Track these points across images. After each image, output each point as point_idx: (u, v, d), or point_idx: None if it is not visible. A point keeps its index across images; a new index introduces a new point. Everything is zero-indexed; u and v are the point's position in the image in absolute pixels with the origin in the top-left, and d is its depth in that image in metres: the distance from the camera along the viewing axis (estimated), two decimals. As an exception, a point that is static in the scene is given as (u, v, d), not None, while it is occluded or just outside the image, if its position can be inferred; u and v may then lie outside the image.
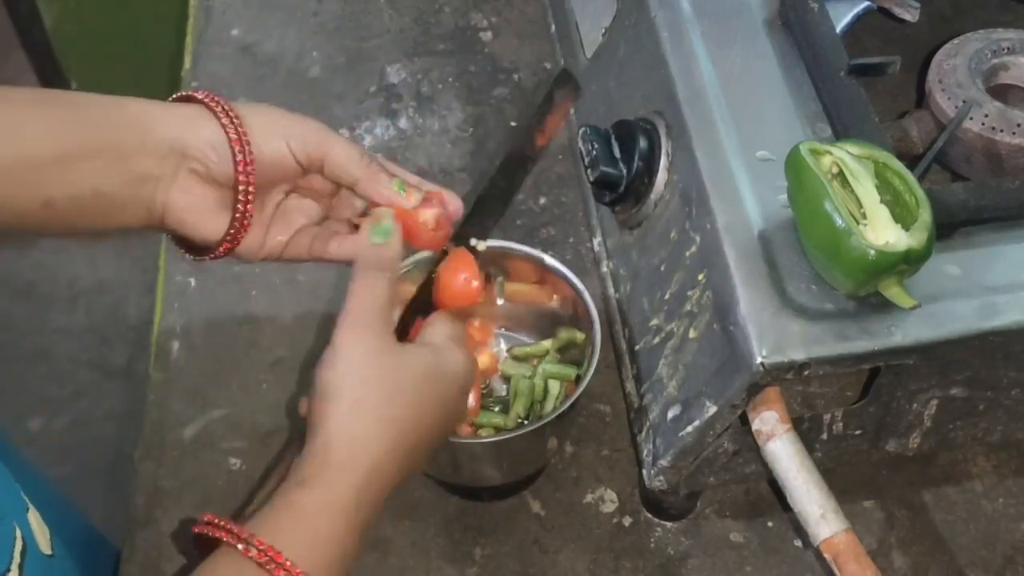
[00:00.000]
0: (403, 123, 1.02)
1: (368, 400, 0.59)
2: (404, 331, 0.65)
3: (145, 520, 0.79)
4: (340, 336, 0.60)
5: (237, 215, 0.64)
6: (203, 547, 0.55)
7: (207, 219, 0.65)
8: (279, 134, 0.65)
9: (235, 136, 0.63)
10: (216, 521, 0.55)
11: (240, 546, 0.53)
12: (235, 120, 0.63)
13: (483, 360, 0.81)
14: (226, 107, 0.64)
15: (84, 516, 0.95)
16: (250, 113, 0.65)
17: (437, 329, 0.64)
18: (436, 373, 0.62)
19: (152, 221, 0.65)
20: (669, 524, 0.79)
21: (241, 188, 0.63)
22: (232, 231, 0.65)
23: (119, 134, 0.62)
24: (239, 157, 0.63)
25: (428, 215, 0.67)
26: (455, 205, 0.68)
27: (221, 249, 0.66)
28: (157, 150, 0.62)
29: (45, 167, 0.61)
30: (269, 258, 0.70)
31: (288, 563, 0.53)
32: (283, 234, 0.69)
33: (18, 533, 0.66)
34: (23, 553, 0.66)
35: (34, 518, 0.70)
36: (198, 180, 0.64)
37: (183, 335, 0.88)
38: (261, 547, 0.53)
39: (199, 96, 0.64)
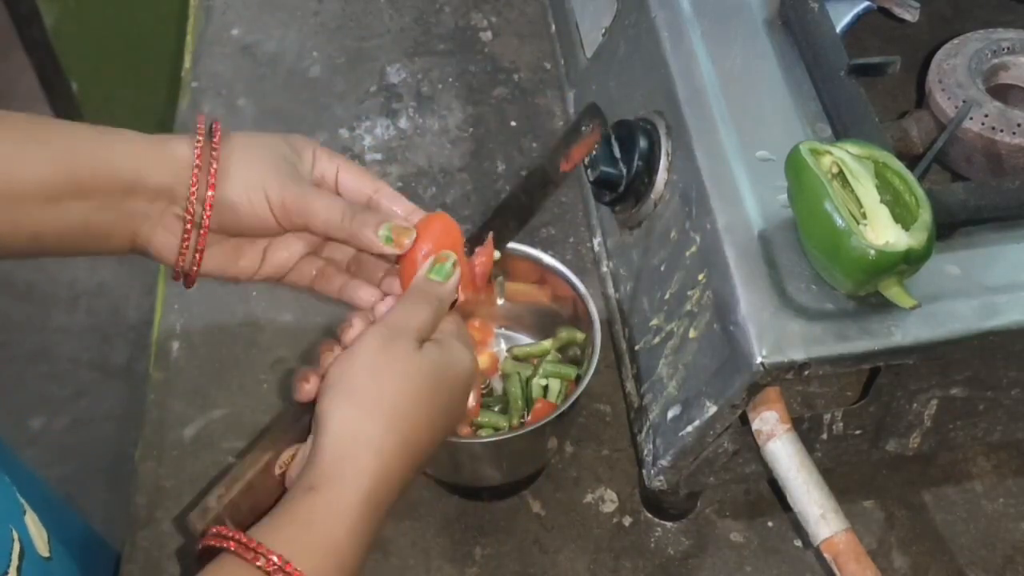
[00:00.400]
0: (403, 123, 1.03)
1: (379, 398, 0.58)
2: None
3: (146, 520, 0.79)
4: (364, 338, 0.60)
5: (183, 251, 0.65)
6: (205, 554, 0.55)
7: (188, 256, 0.66)
8: (260, 191, 0.65)
9: (195, 186, 0.63)
10: (225, 533, 0.54)
11: (249, 556, 0.52)
12: (214, 156, 0.64)
13: (483, 360, 0.82)
14: (214, 148, 0.64)
15: (83, 517, 0.95)
16: (241, 162, 0.65)
17: (443, 324, 0.64)
18: (445, 371, 0.61)
19: (135, 249, 0.66)
20: (669, 524, 0.79)
21: (189, 224, 0.64)
22: (182, 264, 0.66)
23: (111, 176, 0.63)
24: (193, 197, 0.64)
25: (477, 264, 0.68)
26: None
27: (186, 275, 0.67)
28: (147, 193, 0.64)
29: (34, 203, 0.61)
30: (269, 280, 0.70)
31: (298, 572, 0.52)
32: (281, 259, 0.69)
33: (15, 536, 0.66)
34: (21, 556, 0.66)
35: (31, 521, 0.69)
36: (181, 222, 0.65)
37: (183, 335, 0.88)
38: (271, 556, 0.52)
39: (198, 132, 0.65)
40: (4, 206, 0.61)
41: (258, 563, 0.52)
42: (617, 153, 0.77)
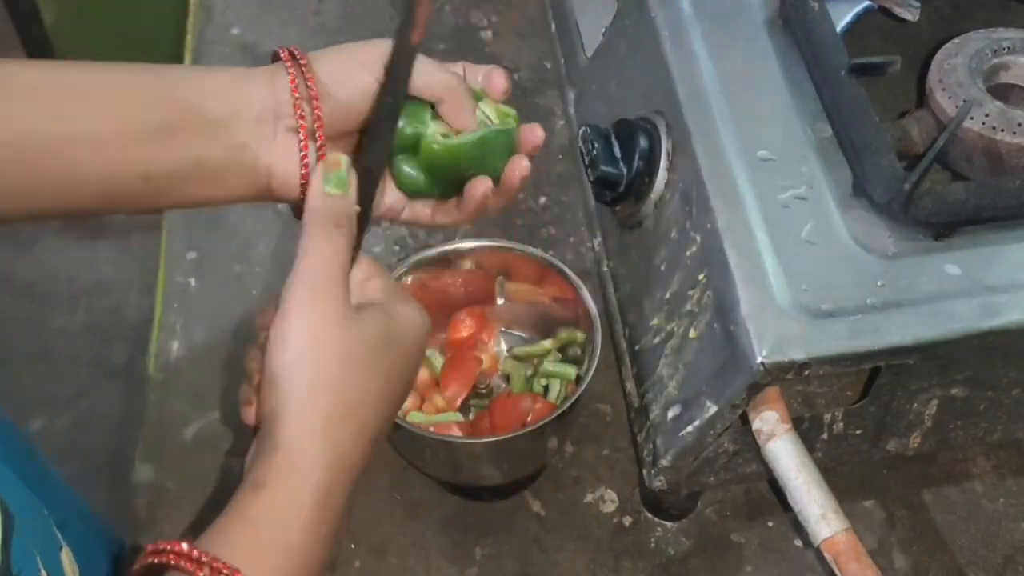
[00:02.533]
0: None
1: (327, 382, 0.53)
2: None
3: (146, 521, 0.79)
4: (290, 305, 0.54)
5: (304, 163, 0.61)
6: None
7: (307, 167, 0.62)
8: (362, 70, 0.61)
9: (294, 80, 0.60)
10: (163, 547, 0.49)
11: (192, 568, 0.48)
12: (303, 62, 0.61)
13: (484, 360, 0.82)
14: (300, 58, 0.61)
15: (110, 532, 0.94)
16: (329, 56, 0.62)
17: (376, 285, 0.59)
18: (393, 341, 0.56)
19: (258, 190, 0.62)
20: (669, 524, 0.79)
21: (302, 132, 0.61)
22: (304, 180, 0.61)
23: (213, 102, 0.60)
24: (302, 110, 0.60)
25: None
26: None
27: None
28: (251, 114, 0.61)
29: (144, 140, 0.59)
30: (389, 215, 0.67)
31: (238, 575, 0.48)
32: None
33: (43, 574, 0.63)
34: None
35: (66, 557, 0.66)
36: (296, 136, 0.61)
37: (183, 335, 0.88)
38: (215, 565, 0.48)
39: (280, 52, 0.62)
40: (117, 143, 0.59)
41: (202, 573, 0.48)
42: (617, 153, 0.77)
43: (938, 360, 0.67)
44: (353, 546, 0.78)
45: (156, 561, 0.49)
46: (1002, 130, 0.73)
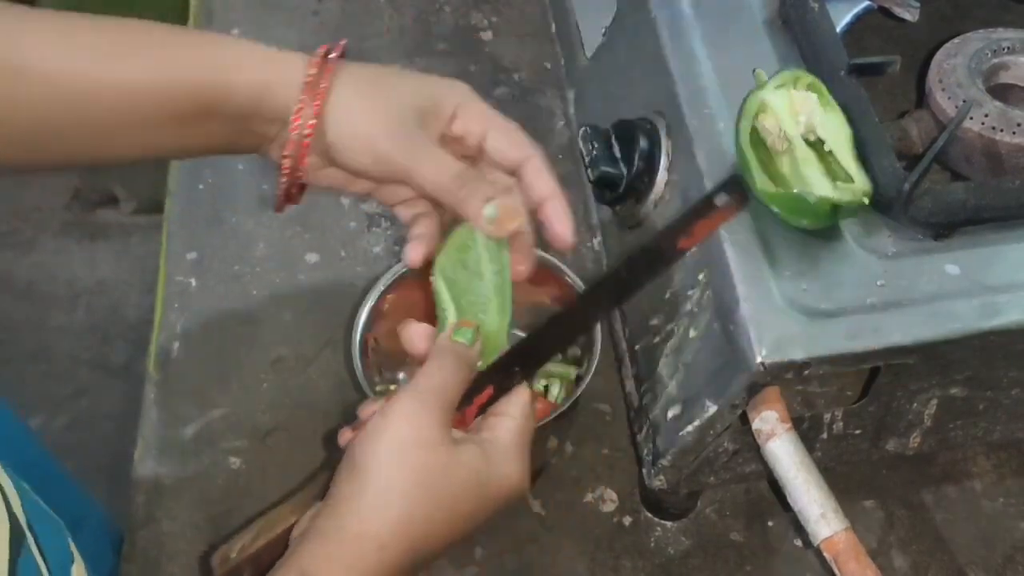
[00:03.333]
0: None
1: (401, 497, 0.54)
2: (476, 389, 0.60)
3: (145, 519, 0.79)
4: (395, 407, 0.55)
5: (282, 185, 0.65)
6: None
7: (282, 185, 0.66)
8: (364, 135, 0.61)
9: (297, 128, 0.62)
10: None
11: None
12: (316, 104, 0.61)
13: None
14: (323, 86, 0.61)
15: (116, 529, 0.94)
16: (351, 95, 0.62)
17: (504, 425, 0.59)
18: (481, 486, 0.56)
19: (260, 154, 0.66)
20: (669, 523, 0.79)
21: (287, 162, 0.64)
22: (282, 189, 0.65)
23: (237, 103, 0.62)
24: (292, 141, 0.63)
25: None
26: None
27: (281, 199, 0.66)
28: (266, 117, 0.63)
29: (161, 126, 0.62)
30: (384, 203, 0.68)
31: None
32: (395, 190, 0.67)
33: None
34: None
35: (77, 571, 0.67)
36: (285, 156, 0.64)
37: (183, 335, 0.88)
38: None
39: (317, 56, 0.63)
40: (132, 127, 0.62)
41: None
42: (617, 153, 0.77)
43: (938, 360, 0.67)
44: (353, 546, 0.78)
45: None
46: (1002, 130, 0.73)
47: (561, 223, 0.63)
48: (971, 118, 0.73)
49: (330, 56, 0.63)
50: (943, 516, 0.79)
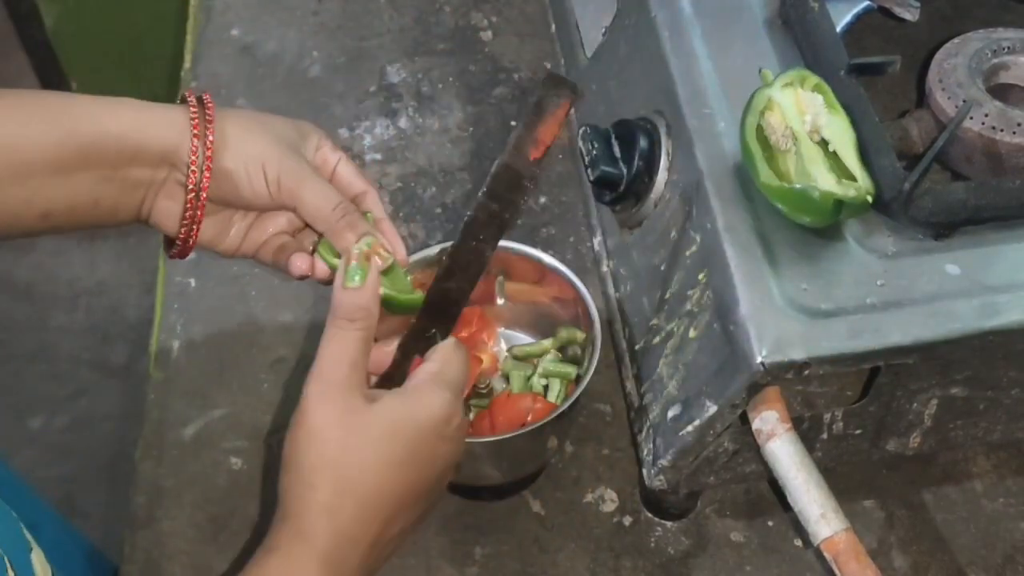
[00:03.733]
0: (403, 123, 1.02)
1: (326, 465, 0.57)
2: (402, 362, 0.63)
3: (145, 520, 0.79)
4: (307, 397, 0.58)
5: (185, 222, 0.67)
6: None
7: (186, 223, 0.68)
8: (258, 163, 0.66)
9: (197, 149, 0.64)
10: None
11: None
12: (209, 130, 0.64)
13: (484, 360, 0.82)
14: (208, 117, 0.65)
15: (85, 537, 0.94)
16: (238, 131, 0.66)
17: (423, 369, 0.62)
18: (404, 427, 0.58)
19: (139, 219, 0.68)
20: (669, 523, 0.79)
21: (190, 197, 0.66)
22: (183, 235, 0.68)
23: (116, 144, 0.64)
24: (192, 171, 0.65)
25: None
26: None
27: (177, 248, 0.69)
28: (150, 160, 0.65)
29: (43, 179, 0.62)
30: (245, 256, 0.71)
31: None
32: (261, 235, 0.71)
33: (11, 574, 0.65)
34: None
35: (37, 559, 0.68)
36: (182, 188, 0.66)
37: (183, 335, 0.88)
38: None
39: (190, 102, 0.66)
40: (14, 182, 0.61)
41: None
42: (617, 153, 0.77)
43: (938, 360, 0.67)
44: (353, 546, 0.78)
45: None
46: (1002, 130, 0.73)
47: (395, 240, 0.69)
48: (971, 118, 0.73)
49: (203, 96, 0.66)
50: (943, 516, 0.79)
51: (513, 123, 1.03)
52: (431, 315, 0.65)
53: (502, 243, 0.80)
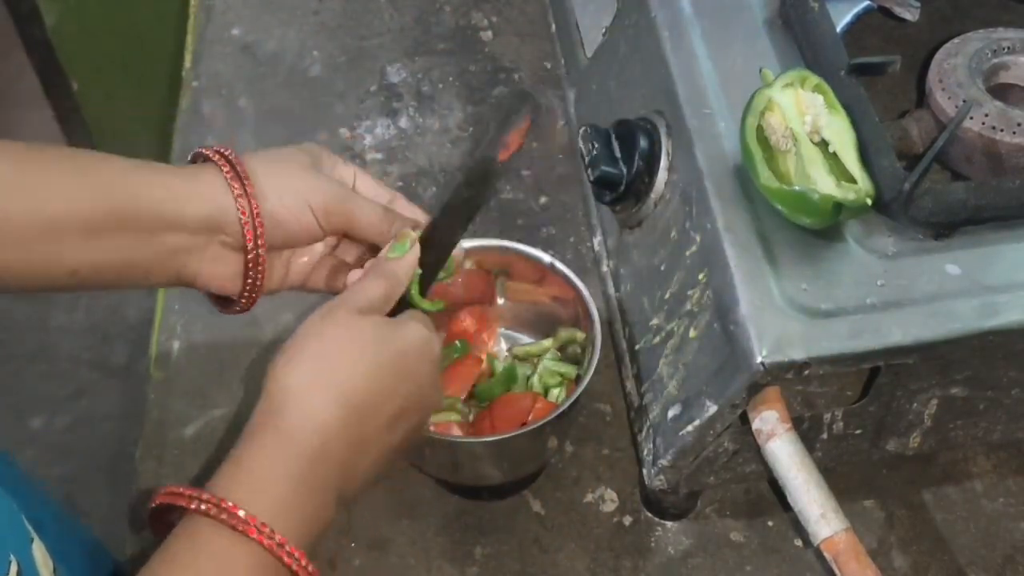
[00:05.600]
0: (403, 122, 1.03)
1: (302, 357, 0.59)
2: None
3: (146, 519, 0.79)
4: (314, 315, 0.61)
5: (249, 282, 0.66)
6: (157, 524, 0.56)
7: (236, 281, 0.67)
8: (300, 198, 0.66)
9: (245, 209, 0.64)
10: (168, 490, 0.55)
11: (192, 505, 0.53)
12: (249, 191, 0.64)
13: (484, 360, 0.82)
14: (242, 174, 0.64)
15: (87, 532, 0.94)
16: (269, 173, 0.65)
17: (409, 313, 0.64)
18: (389, 340, 0.60)
19: (181, 282, 0.67)
20: (669, 523, 0.79)
21: (251, 257, 0.65)
22: (248, 293, 0.67)
23: (151, 209, 0.63)
24: (247, 231, 0.64)
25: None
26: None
27: (241, 305, 0.68)
28: (190, 226, 0.64)
29: (73, 238, 0.61)
30: (292, 288, 0.71)
31: (231, 506, 0.53)
32: (303, 266, 0.70)
33: (14, 567, 0.65)
34: None
35: (39, 550, 0.67)
36: (229, 249, 0.65)
37: (183, 335, 0.88)
38: (203, 498, 0.53)
39: (217, 161, 0.65)
40: (44, 240, 0.60)
41: (196, 507, 0.53)
42: (617, 153, 0.77)
43: (938, 360, 0.67)
44: (353, 544, 0.78)
45: (162, 503, 0.55)
46: (1002, 130, 0.73)
47: None
48: (971, 118, 0.73)
49: (222, 151, 0.66)
50: (943, 516, 0.79)
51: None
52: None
53: (502, 243, 0.81)
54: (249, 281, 0.66)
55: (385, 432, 0.60)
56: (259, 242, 0.65)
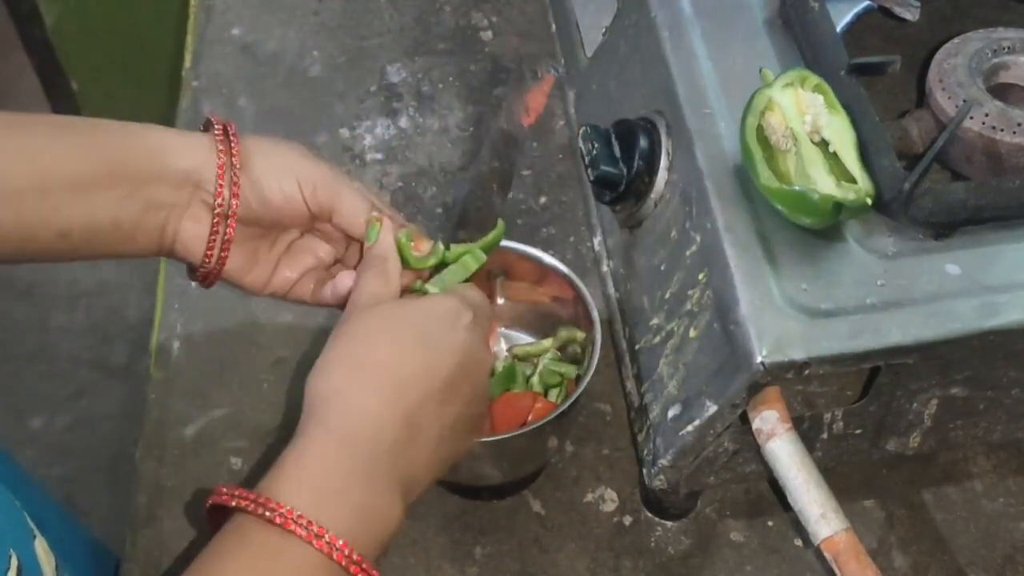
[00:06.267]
0: (403, 122, 1.03)
1: (341, 361, 0.59)
2: None
3: (146, 519, 0.79)
4: (332, 332, 0.61)
5: (213, 238, 0.66)
6: (214, 520, 0.56)
7: (213, 247, 0.67)
8: (290, 173, 0.66)
9: (223, 160, 0.64)
10: (227, 491, 0.55)
11: (233, 503, 0.54)
12: (234, 149, 0.65)
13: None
14: (232, 137, 0.65)
15: (87, 530, 0.94)
16: (263, 149, 0.66)
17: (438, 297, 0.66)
18: (412, 313, 0.62)
19: (162, 249, 0.67)
20: (669, 523, 0.79)
21: (219, 210, 0.65)
22: (212, 252, 0.67)
23: (138, 162, 0.64)
24: (221, 182, 0.64)
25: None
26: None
27: (209, 271, 0.68)
28: (173, 179, 0.64)
29: (63, 194, 0.62)
30: (275, 294, 0.71)
31: (266, 500, 0.53)
32: (292, 271, 0.70)
33: (15, 562, 0.64)
34: None
35: (41, 547, 0.68)
36: (208, 210, 0.66)
37: (183, 335, 0.88)
38: (241, 495, 0.54)
39: (215, 124, 0.66)
40: (34, 196, 0.61)
41: (237, 503, 0.53)
42: (617, 152, 0.77)
43: (938, 360, 0.67)
44: (353, 545, 0.78)
45: (219, 502, 0.55)
46: (1002, 130, 0.73)
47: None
48: (971, 118, 0.73)
49: (226, 122, 0.67)
50: (943, 516, 0.79)
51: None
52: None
53: (502, 243, 0.81)
54: (213, 237, 0.66)
55: (436, 406, 0.60)
56: (233, 190, 0.65)
